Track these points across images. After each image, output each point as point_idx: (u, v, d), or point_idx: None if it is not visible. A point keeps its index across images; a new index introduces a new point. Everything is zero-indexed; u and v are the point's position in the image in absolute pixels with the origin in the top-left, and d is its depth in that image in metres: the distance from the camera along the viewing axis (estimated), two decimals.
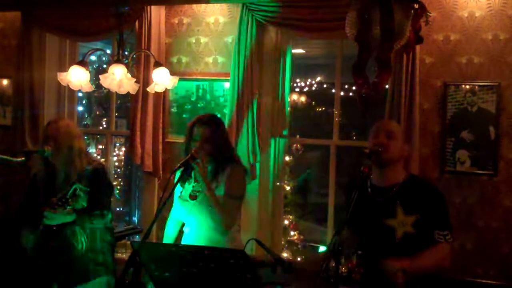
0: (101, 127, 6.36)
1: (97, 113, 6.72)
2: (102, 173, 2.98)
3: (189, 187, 2.83)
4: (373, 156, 2.42)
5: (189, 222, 2.86)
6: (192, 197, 2.80)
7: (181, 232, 2.96)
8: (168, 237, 2.96)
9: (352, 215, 2.43)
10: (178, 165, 2.61)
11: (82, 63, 3.52)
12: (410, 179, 2.52)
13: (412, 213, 2.41)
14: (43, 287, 2.91)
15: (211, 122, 2.84)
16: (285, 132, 4.25)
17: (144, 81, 4.13)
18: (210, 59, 4.28)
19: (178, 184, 2.81)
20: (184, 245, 2.73)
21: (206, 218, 2.74)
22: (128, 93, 3.61)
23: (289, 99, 4.24)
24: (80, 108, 5.87)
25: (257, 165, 4.01)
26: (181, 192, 2.86)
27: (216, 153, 2.78)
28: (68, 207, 2.68)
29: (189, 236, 2.85)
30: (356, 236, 2.63)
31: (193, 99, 4.32)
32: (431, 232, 2.40)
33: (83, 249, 2.89)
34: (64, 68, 4.56)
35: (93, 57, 6.11)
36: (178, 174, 2.70)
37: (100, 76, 3.42)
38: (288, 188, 5.24)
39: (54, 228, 2.84)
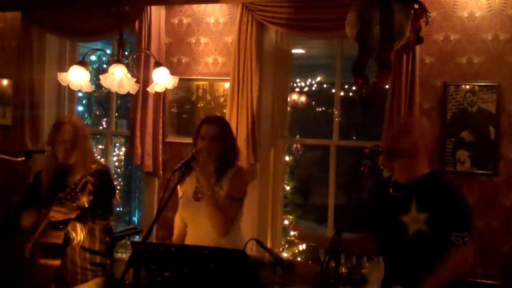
0: (101, 127, 6.37)
1: (97, 113, 6.72)
2: (106, 174, 3.00)
3: (190, 188, 2.82)
4: (376, 156, 2.42)
5: (192, 222, 2.85)
6: (196, 197, 2.79)
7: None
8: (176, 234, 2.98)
9: (372, 213, 2.43)
10: (179, 165, 2.61)
11: (82, 63, 3.51)
12: (429, 176, 2.49)
13: (424, 210, 2.39)
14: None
15: (220, 121, 2.86)
16: (285, 132, 4.25)
17: (144, 81, 4.13)
18: (210, 59, 4.28)
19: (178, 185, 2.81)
20: (184, 245, 2.73)
21: (209, 219, 2.74)
22: (128, 93, 3.61)
23: (289, 99, 4.24)
24: (80, 108, 5.87)
25: (257, 165, 4.01)
26: (182, 192, 2.85)
27: (222, 154, 2.76)
28: (77, 200, 2.69)
29: (193, 236, 2.84)
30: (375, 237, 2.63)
31: (193, 99, 4.32)
32: (448, 234, 2.35)
33: (81, 241, 2.89)
34: (64, 68, 4.56)
35: (93, 57, 6.11)
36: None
37: (100, 76, 3.42)
38: (288, 188, 5.25)
39: (61, 226, 2.84)
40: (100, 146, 6.16)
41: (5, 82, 4.89)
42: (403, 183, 2.50)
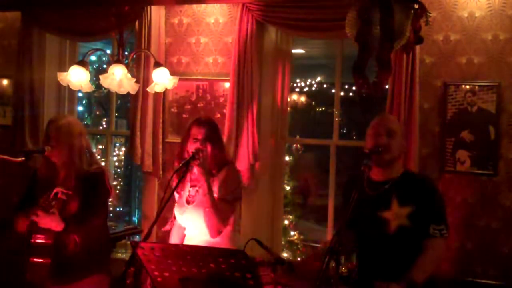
0: (101, 127, 6.37)
1: (97, 113, 6.72)
2: (100, 179, 2.93)
3: (185, 192, 2.83)
4: (374, 157, 2.42)
5: (187, 226, 2.86)
6: (189, 201, 2.80)
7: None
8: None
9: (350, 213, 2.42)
10: (180, 165, 2.61)
11: (82, 63, 3.51)
12: (406, 174, 2.55)
13: (407, 205, 2.41)
14: (38, 286, 2.90)
15: (211, 122, 2.87)
16: (285, 132, 4.25)
17: (144, 81, 4.13)
18: (210, 59, 4.28)
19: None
20: (184, 245, 2.73)
21: (203, 222, 2.74)
22: (128, 93, 3.61)
23: (289, 99, 4.24)
24: (80, 108, 5.87)
25: (257, 165, 4.01)
26: (177, 198, 2.85)
27: (214, 155, 2.78)
28: (50, 208, 2.66)
29: (188, 240, 2.85)
30: (352, 232, 2.62)
31: (193, 99, 4.32)
32: (426, 226, 2.39)
33: (76, 248, 2.88)
34: (64, 68, 4.56)
35: (93, 57, 6.11)
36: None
37: (100, 76, 3.42)
38: (288, 188, 5.25)
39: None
40: (100, 146, 6.16)
41: (5, 82, 4.89)
42: (380, 182, 2.51)
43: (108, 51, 4.57)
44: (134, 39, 4.32)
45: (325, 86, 7.70)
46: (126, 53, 4.19)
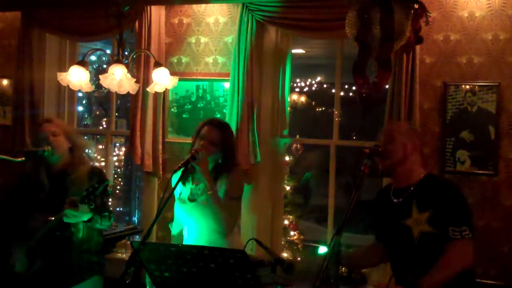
0: (101, 127, 6.36)
1: (97, 113, 6.72)
2: (102, 174, 2.99)
3: (188, 188, 2.84)
4: (379, 161, 2.43)
5: (187, 223, 2.86)
6: (191, 199, 2.81)
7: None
8: (175, 237, 2.99)
9: (376, 222, 2.44)
10: (179, 165, 2.62)
11: (82, 63, 3.51)
12: (426, 178, 2.49)
13: (425, 210, 2.38)
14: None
15: (220, 125, 2.87)
16: (285, 132, 4.25)
17: (144, 81, 4.13)
18: (210, 59, 4.28)
19: (179, 184, 2.82)
20: (184, 245, 2.73)
21: (206, 220, 2.74)
22: (128, 93, 3.61)
23: (289, 99, 4.23)
24: (80, 108, 5.87)
25: (257, 165, 4.01)
26: (180, 193, 2.86)
27: (218, 156, 2.79)
28: (93, 203, 2.64)
29: (189, 238, 2.85)
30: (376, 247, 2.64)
31: (193, 99, 4.32)
32: (446, 229, 2.35)
33: (83, 237, 2.88)
34: (64, 68, 4.56)
35: (93, 57, 6.11)
36: (178, 174, 2.70)
37: (100, 76, 3.42)
38: (288, 188, 5.25)
39: (58, 233, 2.82)
40: (100, 146, 6.16)
41: (5, 82, 4.88)
42: (402, 188, 2.50)
43: (108, 51, 4.57)
44: (134, 39, 4.32)
45: (325, 86, 7.71)
46: (126, 53, 4.20)
